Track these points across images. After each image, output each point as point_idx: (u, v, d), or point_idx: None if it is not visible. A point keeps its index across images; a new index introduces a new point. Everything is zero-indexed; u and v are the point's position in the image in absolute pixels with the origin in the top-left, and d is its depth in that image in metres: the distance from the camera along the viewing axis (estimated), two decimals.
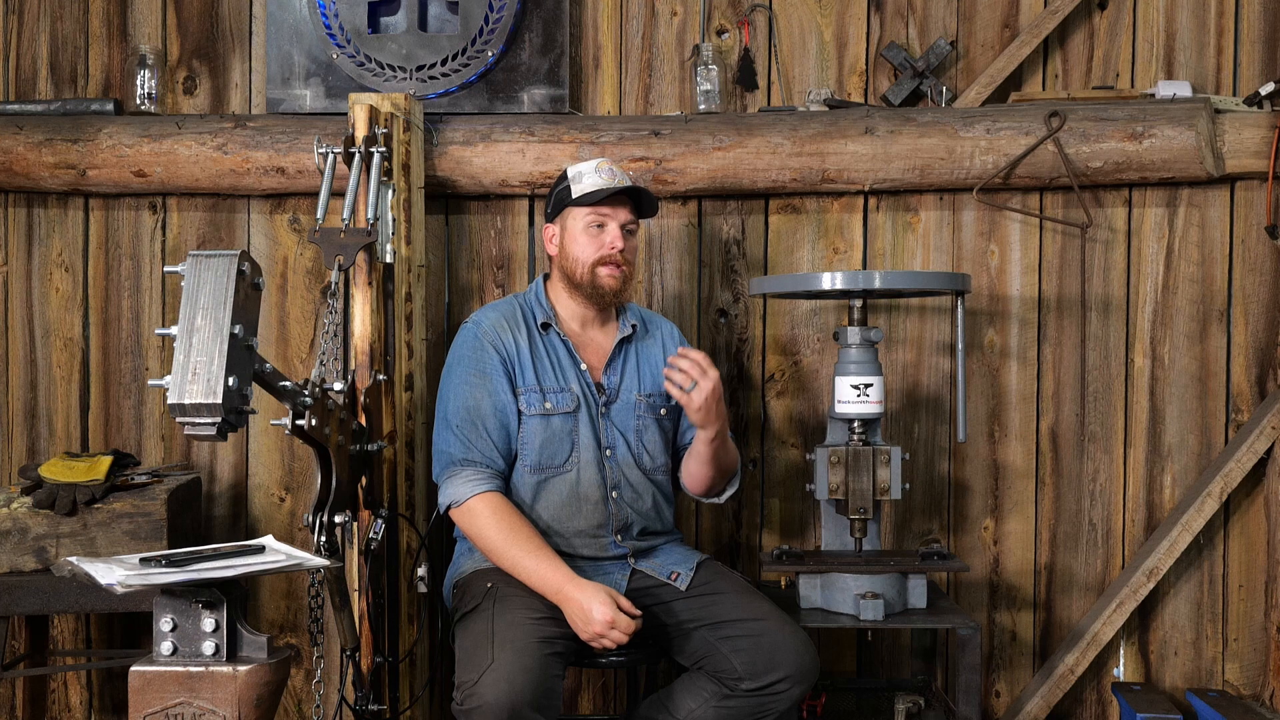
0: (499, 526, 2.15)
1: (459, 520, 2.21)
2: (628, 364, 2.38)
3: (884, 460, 2.41)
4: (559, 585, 2.07)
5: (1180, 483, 2.86)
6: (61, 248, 2.92)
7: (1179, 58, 2.86)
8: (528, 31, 2.82)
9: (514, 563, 2.13)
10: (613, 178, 2.31)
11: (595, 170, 2.31)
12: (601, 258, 2.29)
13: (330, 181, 2.40)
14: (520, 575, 2.12)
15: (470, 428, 2.23)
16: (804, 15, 2.89)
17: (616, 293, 2.31)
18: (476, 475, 2.20)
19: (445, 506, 2.22)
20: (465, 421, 2.23)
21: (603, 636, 2.02)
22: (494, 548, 2.16)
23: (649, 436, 2.35)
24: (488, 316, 2.34)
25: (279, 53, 2.83)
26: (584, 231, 2.30)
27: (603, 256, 2.29)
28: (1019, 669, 2.90)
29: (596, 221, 2.30)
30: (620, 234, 2.29)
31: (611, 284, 2.30)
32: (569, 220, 2.33)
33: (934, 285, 2.55)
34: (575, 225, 2.31)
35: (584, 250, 2.30)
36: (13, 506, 2.46)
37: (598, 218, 2.30)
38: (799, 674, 2.06)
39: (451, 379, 2.29)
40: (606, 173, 2.31)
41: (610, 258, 2.29)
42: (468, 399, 2.25)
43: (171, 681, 1.72)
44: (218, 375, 1.59)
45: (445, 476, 2.23)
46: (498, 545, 2.15)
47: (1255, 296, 2.84)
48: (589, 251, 2.29)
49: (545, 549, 2.14)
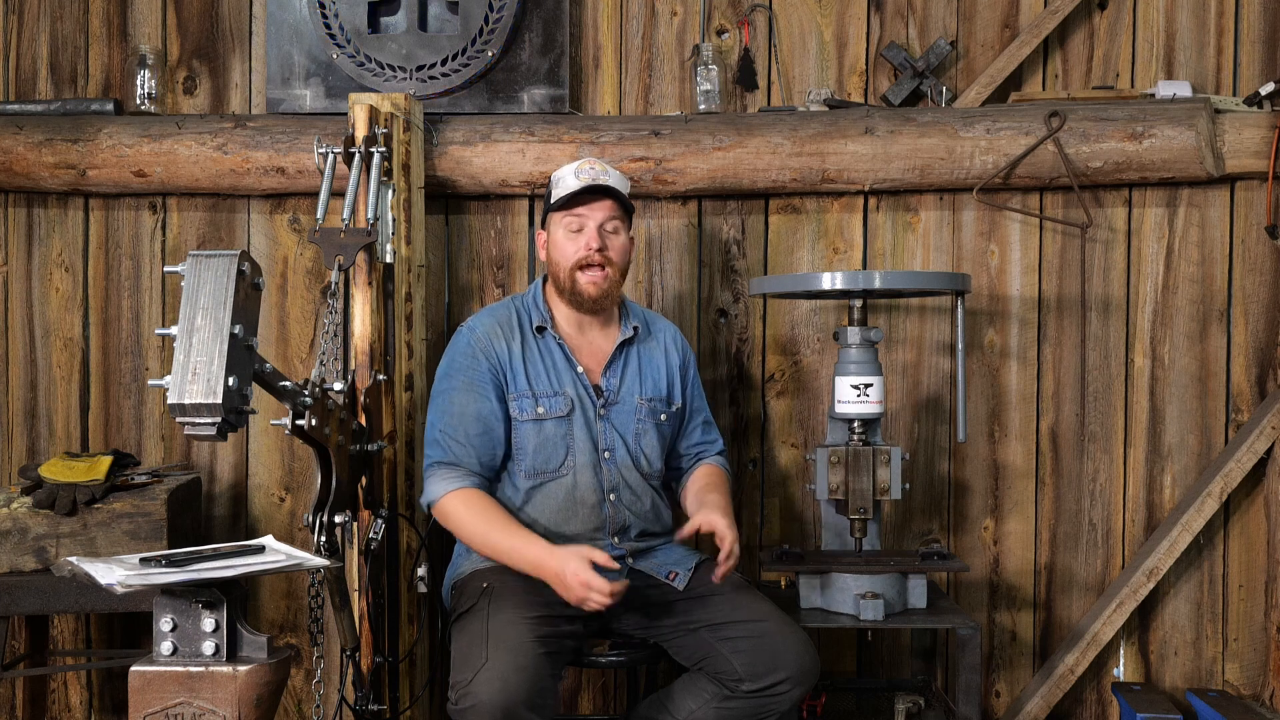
0: (473, 516, 2.16)
1: (439, 518, 2.23)
2: (628, 366, 2.38)
3: (884, 460, 2.41)
4: (537, 559, 2.07)
5: (1180, 483, 2.86)
6: (61, 248, 2.92)
7: (1179, 58, 2.86)
8: (528, 31, 2.81)
9: (493, 547, 2.14)
10: (591, 177, 2.28)
11: (575, 173, 2.30)
12: (579, 260, 2.27)
13: (330, 181, 2.40)
14: (502, 558, 2.14)
15: (450, 432, 2.24)
16: (804, 15, 2.89)
17: (596, 299, 2.28)
18: (452, 473, 2.21)
19: (426, 506, 2.25)
20: (448, 426, 2.24)
21: (586, 599, 2.00)
22: (471, 537, 2.18)
23: (648, 440, 2.34)
24: (482, 323, 2.33)
25: (279, 53, 2.83)
26: (564, 235, 2.29)
27: (580, 259, 2.26)
28: (1019, 669, 2.90)
29: (574, 225, 2.28)
30: (597, 233, 2.27)
31: (591, 290, 2.27)
32: (552, 225, 2.33)
33: (934, 285, 2.55)
34: (557, 230, 2.31)
35: (564, 253, 2.29)
36: (13, 506, 2.46)
37: (575, 220, 2.28)
38: (800, 675, 2.06)
39: (441, 383, 2.31)
40: (586, 173, 2.29)
41: (588, 259, 2.26)
42: (453, 405, 2.25)
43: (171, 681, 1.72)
44: (218, 375, 1.59)
45: (426, 478, 2.26)
46: (474, 534, 2.17)
47: (1255, 296, 2.84)
48: (569, 254, 2.28)
49: (521, 529, 2.15)
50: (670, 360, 2.43)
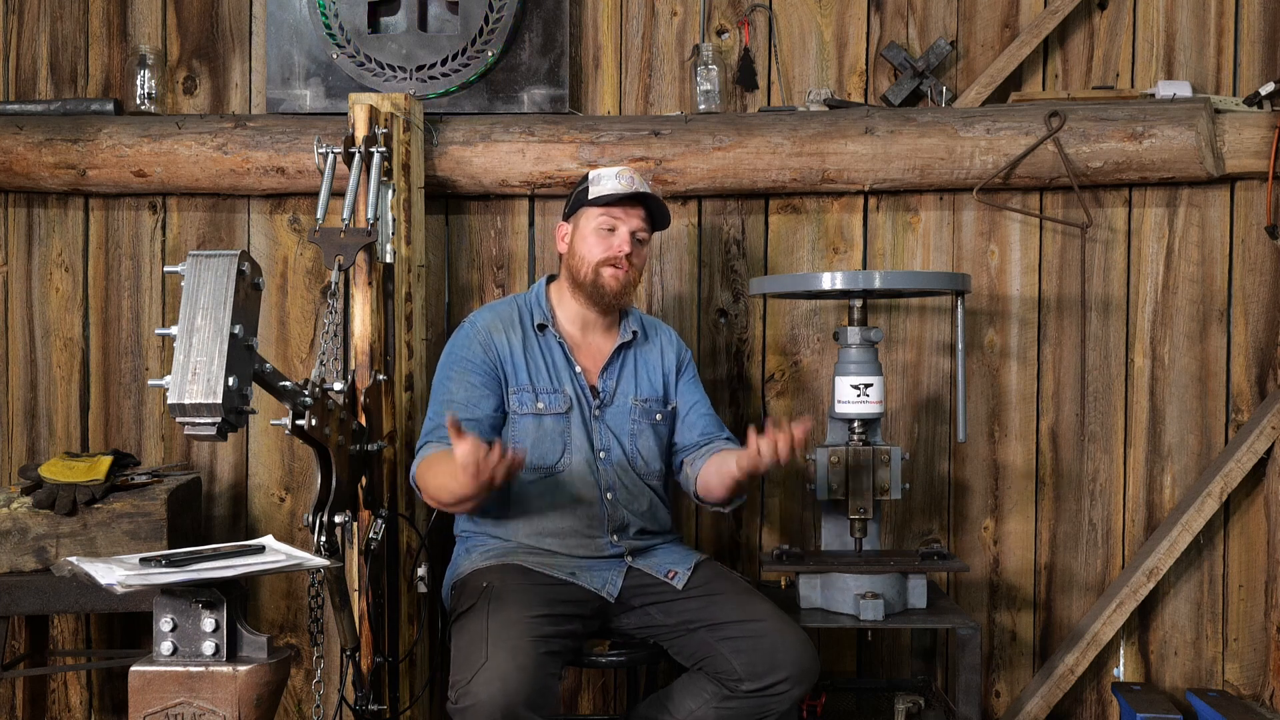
0: (428, 463, 2.16)
1: (418, 485, 2.21)
2: (625, 369, 2.40)
3: (884, 460, 2.41)
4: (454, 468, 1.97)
5: (1180, 483, 2.86)
6: (61, 248, 2.92)
7: (1179, 58, 2.86)
8: (528, 31, 2.81)
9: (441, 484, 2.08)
10: (631, 185, 2.33)
11: (615, 176, 2.34)
12: (607, 258, 2.31)
13: (330, 181, 2.40)
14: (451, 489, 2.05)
15: (437, 416, 2.26)
16: (804, 15, 2.89)
17: (617, 294, 2.33)
18: (428, 449, 2.21)
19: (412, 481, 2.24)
20: (437, 410, 2.27)
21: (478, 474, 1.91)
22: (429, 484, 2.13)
23: (644, 441, 2.36)
24: (483, 317, 2.37)
25: (279, 53, 2.83)
26: (594, 232, 2.33)
27: (608, 257, 2.31)
28: (1019, 669, 2.90)
29: (608, 224, 2.33)
30: (629, 239, 2.32)
31: (613, 285, 2.32)
32: (582, 219, 2.36)
33: (934, 285, 2.55)
34: (587, 225, 2.34)
35: (592, 250, 2.33)
36: (13, 506, 2.46)
37: (610, 220, 2.32)
38: (799, 675, 2.06)
39: (439, 374, 2.34)
40: (626, 179, 2.34)
41: (615, 259, 2.31)
42: (446, 393, 2.29)
43: (171, 681, 1.72)
44: (218, 375, 1.59)
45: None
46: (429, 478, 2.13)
47: (1255, 296, 2.84)
48: (596, 251, 2.32)
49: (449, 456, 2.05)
50: (666, 360, 2.45)
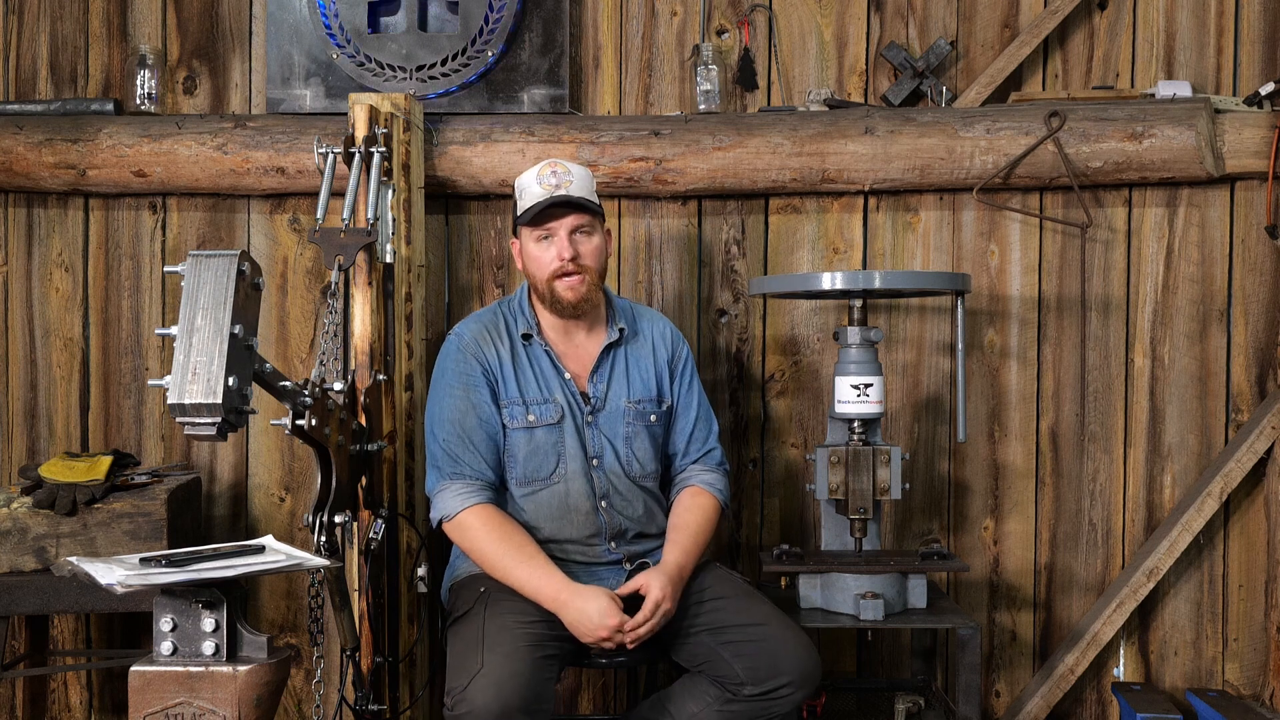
0: (490, 538, 2.14)
1: (452, 535, 2.21)
2: (615, 370, 2.34)
3: (884, 460, 2.41)
4: (555, 594, 2.07)
5: (1180, 483, 2.86)
6: (61, 248, 2.92)
7: (1179, 58, 2.86)
8: (528, 31, 2.81)
9: (506, 573, 2.12)
10: (554, 183, 2.23)
11: (537, 179, 2.25)
12: (554, 272, 2.24)
13: (330, 181, 2.40)
14: (515, 586, 2.11)
15: (458, 441, 2.21)
16: (804, 15, 2.89)
17: (576, 304, 2.25)
18: (466, 488, 2.19)
19: (437, 522, 2.22)
20: (452, 435, 2.22)
21: (607, 640, 2.02)
22: (487, 560, 2.15)
23: (638, 444, 2.31)
24: (469, 328, 2.32)
25: (279, 53, 2.83)
26: (535, 246, 2.27)
27: (555, 270, 2.24)
28: (1019, 669, 2.90)
29: (543, 235, 2.26)
30: (568, 242, 2.23)
31: (570, 296, 2.24)
32: (523, 236, 2.30)
33: (934, 285, 2.55)
34: (528, 242, 2.28)
35: (540, 267, 2.26)
36: (13, 506, 2.46)
37: (543, 231, 2.25)
38: (802, 679, 2.06)
39: (437, 392, 2.28)
40: (548, 179, 2.25)
41: (562, 270, 2.23)
42: (453, 412, 2.23)
43: (171, 681, 1.72)
44: (218, 375, 1.59)
45: (436, 491, 2.22)
46: (491, 558, 2.14)
47: (1255, 296, 2.84)
48: (543, 266, 2.25)
49: (539, 557, 2.13)
50: (658, 356, 2.38)
